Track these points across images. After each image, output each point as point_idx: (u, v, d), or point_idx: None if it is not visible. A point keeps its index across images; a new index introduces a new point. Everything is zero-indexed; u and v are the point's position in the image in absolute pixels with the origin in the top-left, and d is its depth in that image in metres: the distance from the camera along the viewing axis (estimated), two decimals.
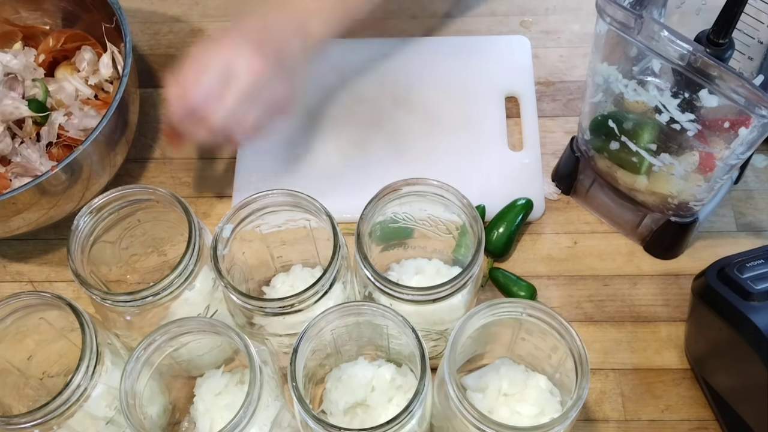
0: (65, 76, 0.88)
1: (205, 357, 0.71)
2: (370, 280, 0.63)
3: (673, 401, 0.75)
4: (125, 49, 0.81)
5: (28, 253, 0.86)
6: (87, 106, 0.86)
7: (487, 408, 0.67)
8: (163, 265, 0.78)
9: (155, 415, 0.69)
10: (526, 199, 0.83)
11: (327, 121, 0.92)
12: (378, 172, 0.87)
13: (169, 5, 1.03)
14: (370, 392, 0.69)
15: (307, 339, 0.60)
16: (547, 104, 0.93)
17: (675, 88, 0.63)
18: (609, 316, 0.80)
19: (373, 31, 0.99)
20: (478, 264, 0.63)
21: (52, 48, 0.89)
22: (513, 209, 0.82)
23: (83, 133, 0.84)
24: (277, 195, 0.66)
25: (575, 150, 0.81)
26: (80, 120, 0.84)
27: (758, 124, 0.60)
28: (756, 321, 0.62)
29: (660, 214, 0.78)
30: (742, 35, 0.67)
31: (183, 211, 0.66)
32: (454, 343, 0.59)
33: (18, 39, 0.92)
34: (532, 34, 0.98)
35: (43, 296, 0.63)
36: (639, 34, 0.62)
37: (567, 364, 0.61)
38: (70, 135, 0.84)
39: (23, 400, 0.72)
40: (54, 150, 0.84)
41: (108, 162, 0.81)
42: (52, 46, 0.89)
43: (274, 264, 0.77)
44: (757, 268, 0.65)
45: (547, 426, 0.56)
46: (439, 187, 0.65)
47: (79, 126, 0.84)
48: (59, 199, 0.77)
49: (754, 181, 0.86)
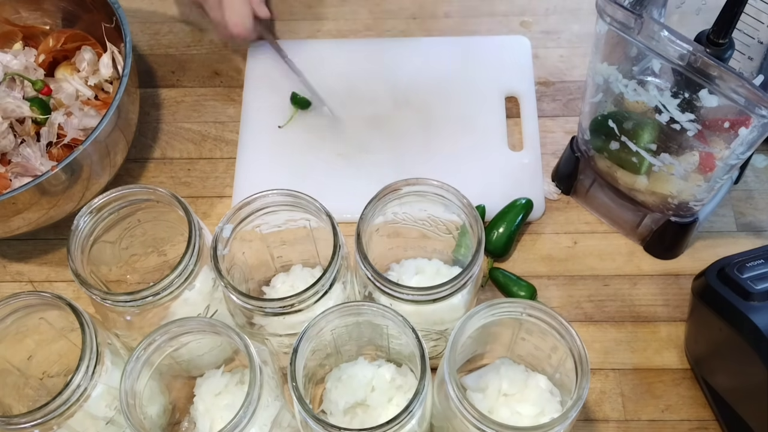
0: (65, 77, 0.88)
1: (205, 357, 0.71)
2: (370, 280, 0.63)
3: (673, 401, 0.75)
4: (125, 49, 0.81)
5: (28, 253, 0.86)
6: (87, 107, 0.86)
7: (487, 408, 0.67)
8: (163, 265, 0.78)
9: (155, 415, 0.69)
10: (526, 199, 0.83)
11: (327, 121, 0.92)
12: (378, 172, 0.87)
13: (169, 5, 1.03)
14: (370, 392, 0.69)
15: (307, 339, 0.60)
16: (547, 104, 0.93)
17: (675, 88, 0.63)
18: (609, 316, 0.80)
19: (373, 31, 0.99)
20: (478, 264, 0.63)
21: (52, 48, 0.89)
22: (513, 209, 0.82)
23: (83, 133, 0.84)
24: (277, 195, 0.66)
25: (575, 150, 0.81)
26: (80, 120, 0.84)
27: (758, 124, 0.60)
28: (756, 321, 0.62)
29: (660, 214, 0.78)
30: (742, 35, 0.67)
31: (183, 211, 0.66)
32: (454, 343, 0.59)
33: (18, 39, 0.92)
34: (532, 35, 0.98)
35: (43, 296, 0.63)
36: (639, 34, 0.62)
37: (567, 364, 0.61)
38: (70, 135, 0.84)
39: (23, 400, 0.72)
40: (54, 150, 0.84)
41: (108, 162, 0.81)
42: (52, 46, 0.89)
43: (274, 264, 0.77)
44: (757, 268, 0.65)
45: (547, 426, 0.56)
46: (439, 187, 0.65)
47: (78, 126, 0.84)
48: (59, 199, 0.77)
49: (754, 181, 0.86)
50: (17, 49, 0.91)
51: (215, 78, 0.97)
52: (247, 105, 0.94)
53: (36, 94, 0.86)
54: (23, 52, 0.90)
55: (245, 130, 0.92)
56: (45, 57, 0.89)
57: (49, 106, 0.85)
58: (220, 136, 0.92)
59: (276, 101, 0.93)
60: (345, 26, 1.00)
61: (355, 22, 1.00)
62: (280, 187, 0.67)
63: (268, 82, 0.95)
